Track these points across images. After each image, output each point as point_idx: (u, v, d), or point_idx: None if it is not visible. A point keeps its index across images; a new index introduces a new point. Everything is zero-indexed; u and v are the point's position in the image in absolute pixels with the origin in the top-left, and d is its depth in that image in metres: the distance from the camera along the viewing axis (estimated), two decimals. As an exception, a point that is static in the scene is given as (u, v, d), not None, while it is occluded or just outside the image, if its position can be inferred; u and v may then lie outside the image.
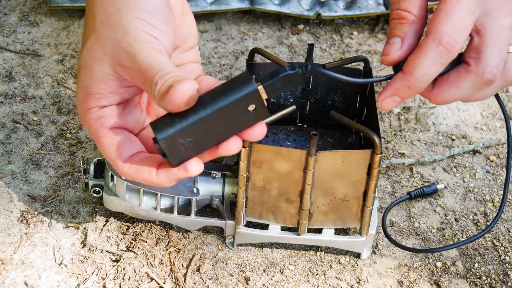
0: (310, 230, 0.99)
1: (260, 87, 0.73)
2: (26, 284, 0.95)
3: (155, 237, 1.01)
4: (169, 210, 1.00)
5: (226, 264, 0.99)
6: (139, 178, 0.80)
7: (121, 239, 1.00)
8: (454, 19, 0.77)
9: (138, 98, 0.85)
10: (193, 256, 1.00)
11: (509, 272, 1.01)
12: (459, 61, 0.80)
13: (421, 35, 0.80)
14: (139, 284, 0.96)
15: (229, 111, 0.73)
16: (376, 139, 0.90)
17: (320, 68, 0.77)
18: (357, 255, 1.01)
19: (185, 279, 0.97)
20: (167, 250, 1.00)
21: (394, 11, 0.80)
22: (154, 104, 0.86)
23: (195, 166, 0.78)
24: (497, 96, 0.87)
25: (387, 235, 1.00)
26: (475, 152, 1.16)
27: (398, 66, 0.80)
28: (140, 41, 0.77)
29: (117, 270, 0.97)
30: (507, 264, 1.01)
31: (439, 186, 1.09)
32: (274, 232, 0.99)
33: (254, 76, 0.73)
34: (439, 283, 0.99)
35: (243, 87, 0.73)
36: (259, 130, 0.76)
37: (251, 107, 0.73)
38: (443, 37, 0.77)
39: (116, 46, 0.77)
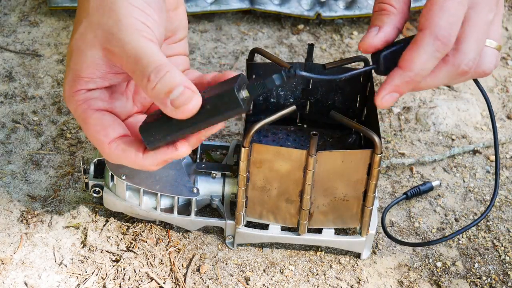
0: (310, 230, 0.99)
1: (245, 92, 0.77)
2: (26, 284, 0.95)
3: (155, 237, 1.01)
4: (169, 210, 1.00)
5: (226, 264, 0.99)
6: (124, 159, 0.80)
7: (121, 239, 1.00)
8: (448, 12, 0.77)
9: (124, 86, 0.85)
10: (193, 256, 1.00)
11: (509, 272, 1.01)
12: None
13: (401, 28, 0.81)
14: (139, 284, 0.96)
15: (214, 121, 0.77)
16: (376, 139, 0.90)
17: (301, 72, 0.79)
18: (357, 255, 1.01)
19: (185, 279, 0.97)
20: (167, 250, 1.00)
21: (376, 4, 0.82)
22: (141, 93, 0.86)
23: (184, 147, 0.79)
24: (476, 81, 0.88)
25: (388, 235, 1.00)
26: (475, 152, 1.16)
27: (377, 56, 0.81)
28: (132, 29, 0.76)
29: (117, 270, 0.97)
30: (507, 264, 1.01)
31: (434, 183, 1.09)
32: (274, 232, 0.99)
33: (237, 86, 0.77)
34: (439, 283, 0.99)
35: (231, 106, 0.77)
36: None
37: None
38: (439, 32, 0.77)
39: (107, 32, 0.77)
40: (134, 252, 0.99)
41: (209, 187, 1.01)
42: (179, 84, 0.74)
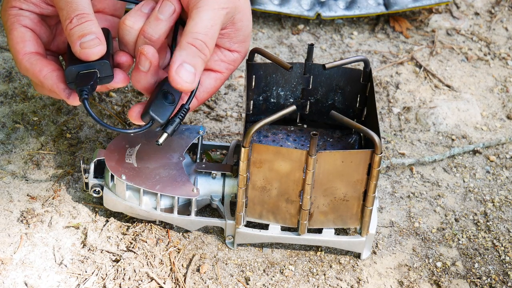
0: (310, 230, 0.99)
1: None
2: (26, 284, 0.95)
3: (155, 237, 1.01)
4: (169, 210, 1.00)
5: (226, 264, 0.99)
6: (30, 72, 0.91)
7: (121, 239, 1.00)
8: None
9: (53, 21, 0.95)
10: (193, 256, 1.00)
11: (509, 272, 1.01)
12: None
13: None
14: (139, 284, 0.96)
15: None
16: (376, 139, 0.90)
17: None
18: (357, 255, 1.01)
19: (185, 279, 0.97)
20: (167, 250, 1.00)
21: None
22: (61, 37, 0.97)
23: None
24: None
25: None
26: (475, 152, 1.16)
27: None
28: None
29: (117, 270, 0.97)
30: (507, 264, 1.01)
31: None
32: (274, 232, 0.99)
33: None
34: (439, 283, 0.99)
35: None
36: None
37: None
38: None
39: None
40: (134, 252, 0.99)
41: (209, 187, 1.01)
42: (93, 33, 0.88)
